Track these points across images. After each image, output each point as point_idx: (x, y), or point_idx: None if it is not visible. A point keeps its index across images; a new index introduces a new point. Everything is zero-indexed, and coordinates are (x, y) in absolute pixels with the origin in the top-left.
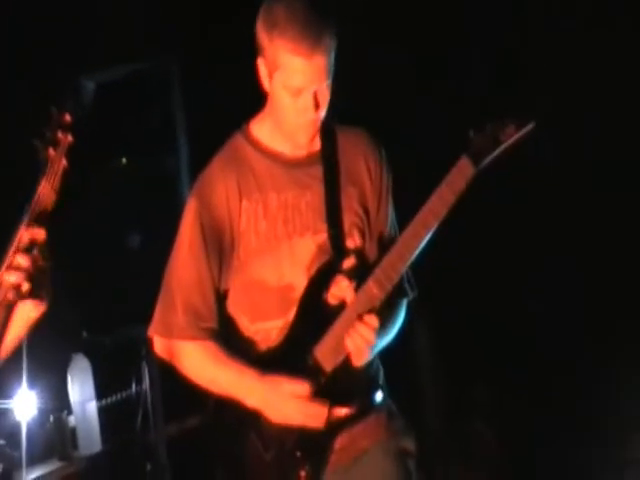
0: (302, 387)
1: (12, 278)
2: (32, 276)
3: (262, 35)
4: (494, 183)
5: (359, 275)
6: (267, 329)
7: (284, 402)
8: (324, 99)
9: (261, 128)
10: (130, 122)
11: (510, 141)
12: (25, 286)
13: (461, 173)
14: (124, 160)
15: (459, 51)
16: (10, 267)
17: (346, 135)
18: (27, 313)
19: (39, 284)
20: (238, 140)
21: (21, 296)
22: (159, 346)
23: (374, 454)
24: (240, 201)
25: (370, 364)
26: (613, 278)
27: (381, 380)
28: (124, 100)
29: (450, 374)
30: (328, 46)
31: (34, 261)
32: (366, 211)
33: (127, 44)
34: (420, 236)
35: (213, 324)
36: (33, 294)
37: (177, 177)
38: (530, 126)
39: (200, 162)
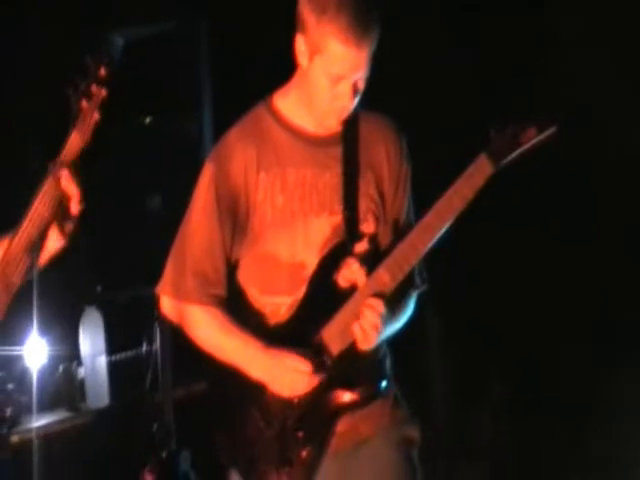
0: (304, 364)
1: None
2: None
3: (308, 16)
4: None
5: (371, 260)
6: (276, 304)
7: (285, 375)
8: (361, 88)
9: (285, 102)
10: (155, 82)
11: (530, 144)
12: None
13: (479, 170)
14: (147, 119)
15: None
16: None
17: (369, 120)
18: (49, 244)
19: (65, 219)
20: (261, 111)
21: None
22: (167, 306)
23: (376, 441)
24: (258, 173)
25: (377, 351)
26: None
27: (388, 368)
28: (151, 59)
29: (460, 365)
30: (374, 37)
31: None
32: (382, 197)
33: (157, 3)
34: (435, 229)
35: (221, 291)
36: (59, 225)
37: (200, 139)
38: (551, 130)
39: (223, 126)
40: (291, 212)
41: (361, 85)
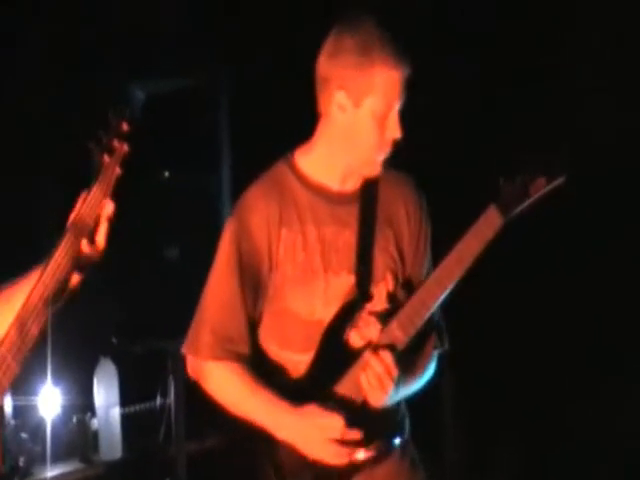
0: (336, 420)
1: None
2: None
3: (345, 67)
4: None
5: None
6: (295, 361)
7: (318, 435)
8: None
9: (308, 160)
10: (175, 136)
11: (539, 194)
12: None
13: (488, 222)
14: (167, 173)
15: None
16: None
17: (389, 178)
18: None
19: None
20: (282, 169)
21: None
22: (190, 365)
23: None
24: (280, 229)
25: (394, 410)
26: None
27: (405, 428)
28: (171, 113)
29: (472, 432)
30: (410, 62)
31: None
32: (402, 255)
33: (178, 59)
34: (444, 285)
35: (242, 348)
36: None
37: (218, 193)
38: (560, 180)
39: (242, 180)
40: (312, 270)
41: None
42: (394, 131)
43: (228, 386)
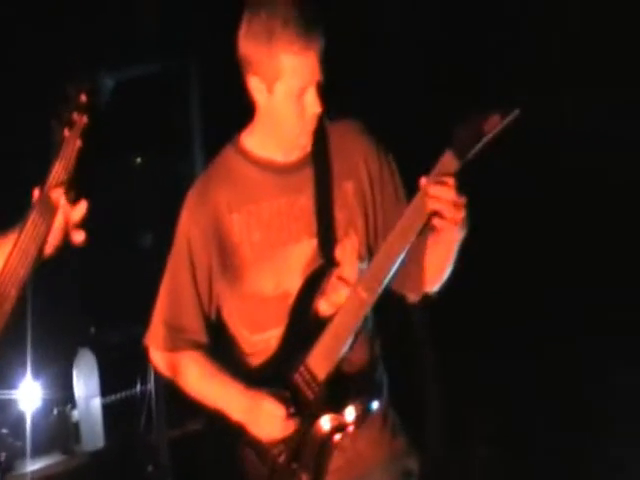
0: (279, 409)
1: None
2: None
3: (255, 50)
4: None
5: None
6: (266, 339)
7: (262, 418)
8: (321, 92)
9: (252, 139)
10: (146, 123)
11: (494, 131)
12: None
13: (445, 169)
14: (138, 160)
15: None
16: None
17: (337, 129)
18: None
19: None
20: (229, 153)
21: None
22: (152, 356)
23: (376, 475)
24: (230, 214)
25: (370, 369)
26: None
27: (383, 389)
28: (142, 99)
29: (452, 397)
30: (322, 34)
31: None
32: (373, 201)
33: (148, 45)
34: (408, 233)
35: (197, 337)
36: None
37: (190, 179)
38: (515, 114)
39: None
40: (270, 245)
41: (321, 89)
42: (313, 107)
43: (185, 373)
